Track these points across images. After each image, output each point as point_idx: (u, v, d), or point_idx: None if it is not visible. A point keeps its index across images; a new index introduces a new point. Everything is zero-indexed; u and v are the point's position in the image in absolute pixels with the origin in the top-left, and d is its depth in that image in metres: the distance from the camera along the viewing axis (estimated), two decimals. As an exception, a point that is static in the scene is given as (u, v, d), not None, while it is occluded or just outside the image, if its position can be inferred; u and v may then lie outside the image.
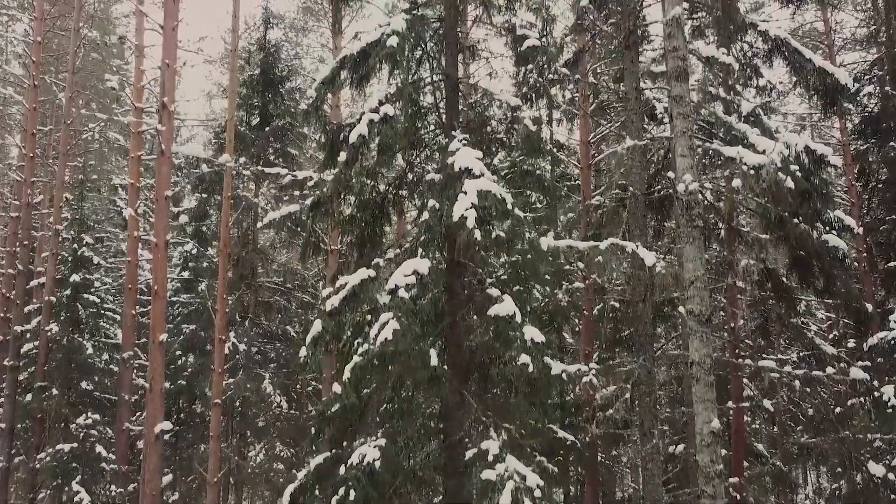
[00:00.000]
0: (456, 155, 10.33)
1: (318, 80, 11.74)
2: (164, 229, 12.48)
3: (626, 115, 11.47)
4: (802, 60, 13.40)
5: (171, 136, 12.24)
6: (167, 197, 12.68)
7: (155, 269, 11.98)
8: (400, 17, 10.89)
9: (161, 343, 11.73)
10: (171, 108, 12.12)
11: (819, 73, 13.47)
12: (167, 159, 12.42)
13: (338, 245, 13.74)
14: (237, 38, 18.50)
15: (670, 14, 8.64)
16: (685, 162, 8.38)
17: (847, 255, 11.81)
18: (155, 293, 11.84)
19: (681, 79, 8.53)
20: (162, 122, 12.16)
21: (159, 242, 12.15)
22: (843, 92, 13.65)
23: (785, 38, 13.38)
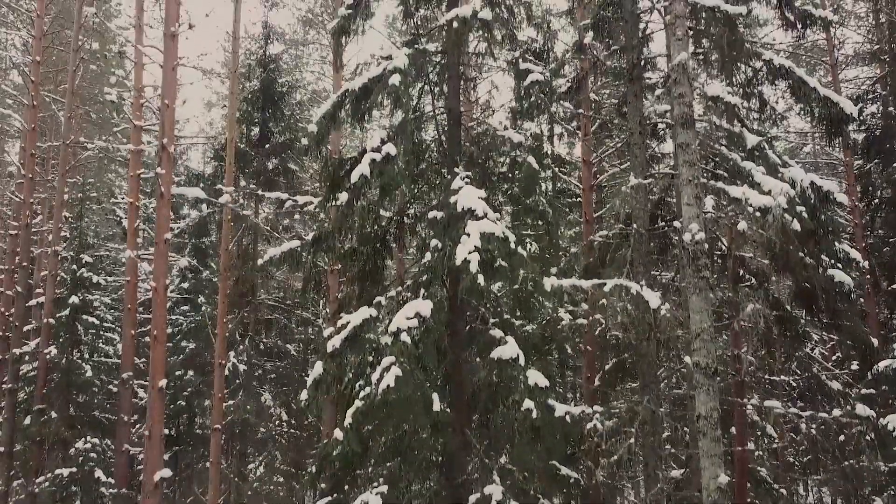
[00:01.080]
0: (459, 194, 10.25)
1: (319, 114, 11.65)
2: (164, 274, 12.35)
3: (629, 150, 11.36)
4: (807, 89, 13.29)
5: (171, 179, 12.12)
6: (167, 241, 12.55)
7: (154, 314, 11.84)
8: (402, 53, 10.79)
9: (160, 389, 11.59)
10: (170, 150, 12.00)
11: (824, 102, 13.36)
12: (166, 202, 12.29)
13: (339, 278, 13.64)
14: (237, 60, 18.40)
15: (676, 60, 8.54)
16: (691, 211, 8.27)
17: (853, 291, 11.69)
18: (154, 338, 11.70)
19: (687, 126, 8.43)
20: (161, 164, 12.03)
21: (158, 287, 12.00)
22: (847, 121, 13.58)
23: (789, 66, 13.27)
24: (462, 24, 10.50)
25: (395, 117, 10.76)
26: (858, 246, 19.81)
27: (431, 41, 11.83)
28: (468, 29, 10.52)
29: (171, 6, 12.85)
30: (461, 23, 10.50)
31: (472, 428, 10.82)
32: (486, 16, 10.46)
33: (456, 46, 10.83)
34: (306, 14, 28.91)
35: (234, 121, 18.42)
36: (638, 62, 11.59)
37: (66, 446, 18.74)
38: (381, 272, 12.39)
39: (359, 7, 11.52)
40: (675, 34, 8.61)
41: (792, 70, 13.27)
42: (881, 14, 22.71)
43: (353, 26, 11.49)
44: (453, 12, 10.73)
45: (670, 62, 8.67)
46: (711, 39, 11.91)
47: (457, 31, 10.52)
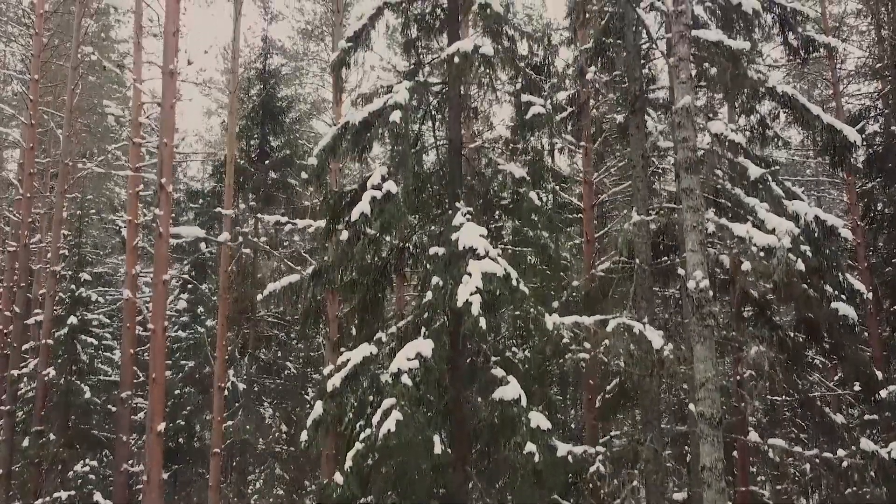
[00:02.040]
0: (460, 231, 10.17)
1: (319, 147, 11.57)
2: (162, 315, 12.25)
3: (631, 181, 11.27)
4: (810, 117, 13.24)
5: (169, 219, 12.00)
6: (165, 281, 12.44)
7: (153, 356, 11.72)
8: (403, 87, 10.69)
9: (159, 434, 11.46)
10: (168, 190, 11.89)
11: (828, 130, 13.31)
12: (165, 242, 12.19)
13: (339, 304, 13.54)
14: (236, 80, 18.31)
15: (680, 104, 8.45)
16: (695, 258, 8.19)
17: (856, 324, 11.61)
18: (153, 380, 11.56)
19: (691, 171, 8.34)
20: (160, 205, 11.93)
21: (157, 329, 11.89)
22: (851, 149, 13.52)
23: (793, 94, 13.21)
24: (463, 58, 10.41)
25: (396, 148, 10.64)
26: (860, 265, 19.76)
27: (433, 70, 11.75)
28: (469, 64, 10.43)
29: (170, 43, 12.74)
30: (462, 58, 10.41)
31: (473, 465, 10.74)
32: (488, 51, 10.36)
33: (457, 80, 10.73)
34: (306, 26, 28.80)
35: (233, 140, 18.33)
36: (640, 93, 11.50)
37: (65, 468, 18.65)
38: (381, 302, 12.31)
39: (359, 39, 11.43)
40: (679, 77, 8.52)
41: (795, 97, 13.21)
42: (882, 29, 22.63)
43: (353, 58, 11.40)
44: (454, 46, 10.64)
45: (674, 105, 8.58)
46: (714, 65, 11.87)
47: (458, 66, 10.43)
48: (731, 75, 10.48)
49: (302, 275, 11.50)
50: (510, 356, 11.25)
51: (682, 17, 8.63)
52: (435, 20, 12.32)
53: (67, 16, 23.99)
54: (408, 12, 11.97)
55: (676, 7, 8.64)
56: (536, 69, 13.32)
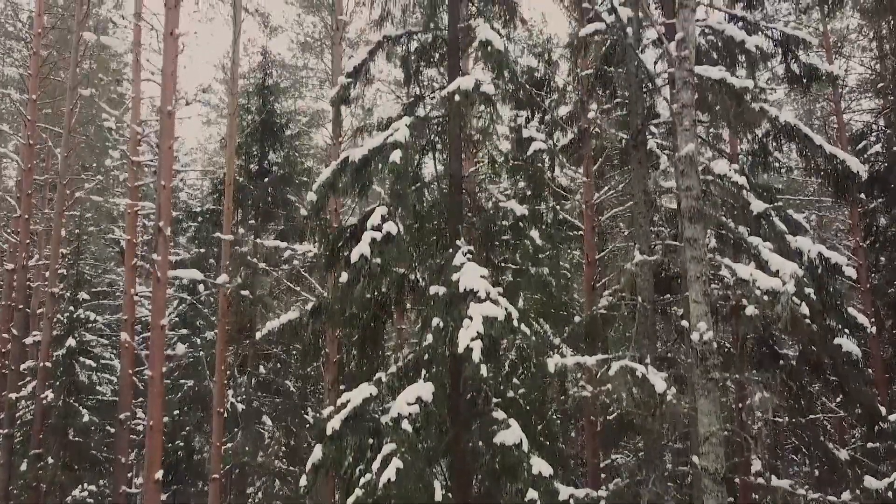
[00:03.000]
0: (461, 272, 10.08)
1: (318, 182, 11.47)
2: (161, 360, 12.12)
3: (633, 220, 11.17)
4: (813, 147, 13.15)
5: (167, 263, 11.88)
6: (163, 326, 12.33)
7: (150, 403, 11.58)
8: (403, 124, 10.58)
9: (157, 482, 11.30)
10: (166, 233, 11.78)
11: (830, 160, 13.23)
12: (163, 286, 12.07)
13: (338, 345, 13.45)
14: (235, 102, 18.18)
15: (683, 151, 8.35)
16: (699, 309, 8.09)
17: (860, 360, 11.51)
18: (150, 427, 11.40)
19: (695, 220, 8.24)
20: (157, 249, 11.81)
21: (154, 375, 11.74)
22: (854, 179, 13.43)
23: (795, 124, 13.13)
24: (464, 97, 10.31)
25: (396, 187, 10.52)
26: (862, 287, 19.68)
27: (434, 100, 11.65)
28: (470, 102, 10.33)
29: (168, 83, 12.60)
30: (463, 96, 10.32)
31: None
32: (489, 90, 10.27)
33: (457, 118, 10.62)
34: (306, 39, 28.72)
35: (232, 162, 18.20)
36: (642, 127, 11.39)
37: (64, 491, 18.55)
38: (381, 337, 12.23)
39: (359, 74, 11.34)
40: (682, 124, 8.42)
41: (798, 128, 13.12)
42: (885, 43, 22.53)
43: (353, 94, 11.31)
44: (455, 84, 10.53)
45: (677, 152, 8.48)
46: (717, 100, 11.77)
47: (458, 104, 10.34)
48: (735, 112, 10.38)
49: (301, 311, 11.39)
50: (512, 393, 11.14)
51: (686, 63, 8.53)
52: (435, 51, 12.24)
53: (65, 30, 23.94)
54: (408, 44, 11.86)
55: (679, 53, 8.54)
56: (537, 84, 13.24)
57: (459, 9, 11.70)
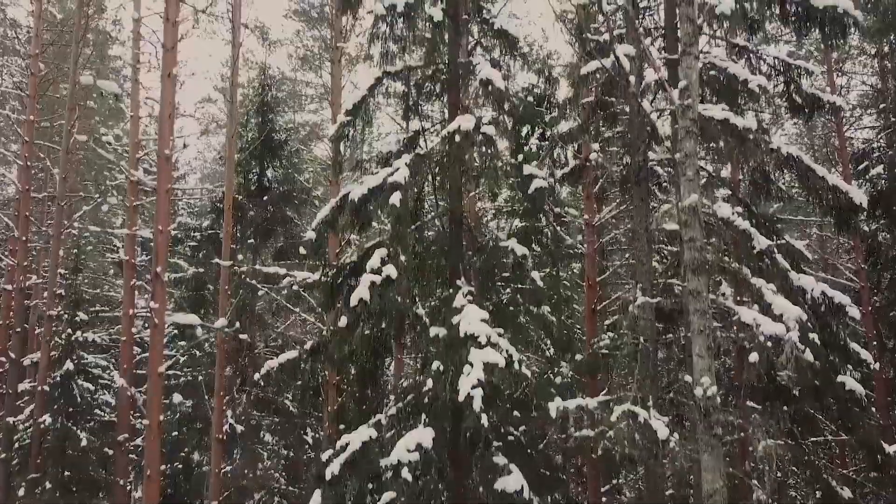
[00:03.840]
0: (462, 315, 10.00)
1: (317, 220, 11.39)
2: (158, 408, 12.01)
3: (636, 256, 11.08)
4: (815, 178, 13.07)
5: (165, 309, 11.77)
6: (161, 374, 12.23)
7: (147, 451, 11.48)
8: (403, 164, 10.48)
9: None
10: (164, 279, 11.67)
11: (832, 192, 13.14)
12: (160, 332, 11.97)
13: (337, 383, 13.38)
14: (235, 125, 18.08)
15: (687, 202, 8.25)
16: (703, 363, 7.99)
17: (864, 399, 11.42)
18: (147, 476, 11.31)
19: (698, 272, 8.14)
20: (154, 295, 11.71)
21: (152, 423, 11.64)
22: (857, 211, 13.34)
23: (797, 155, 13.05)
24: (464, 137, 10.23)
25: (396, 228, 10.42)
26: (864, 309, 19.56)
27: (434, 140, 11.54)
28: (470, 143, 10.24)
29: (165, 128, 12.48)
30: (463, 136, 10.23)
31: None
32: (490, 131, 10.19)
33: (458, 158, 10.53)
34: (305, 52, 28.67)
35: (231, 185, 18.11)
36: (643, 164, 11.30)
37: (62, 517, 18.45)
38: (380, 373, 12.13)
39: (358, 111, 11.24)
40: (686, 174, 8.31)
41: (800, 159, 13.04)
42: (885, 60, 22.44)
43: (354, 132, 11.21)
44: (456, 123, 10.44)
45: (680, 204, 8.39)
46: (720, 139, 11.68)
47: (459, 144, 10.24)
48: (738, 152, 10.29)
49: (300, 350, 11.29)
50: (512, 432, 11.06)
51: (689, 111, 8.42)
52: (435, 84, 12.14)
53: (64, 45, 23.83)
54: (408, 79, 11.76)
55: (682, 101, 8.43)
56: (537, 100, 13.16)
57: (460, 44, 11.60)
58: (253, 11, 28.40)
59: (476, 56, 12.25)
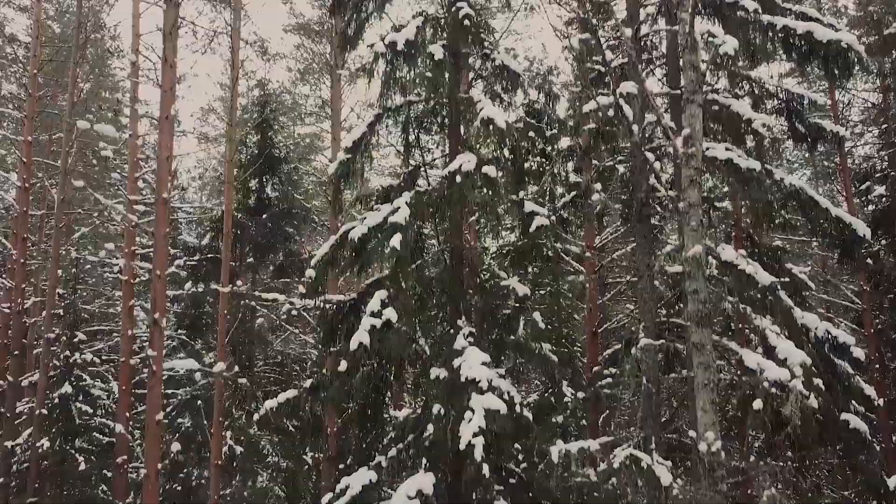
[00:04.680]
0: (463, 357, 9.91)
1: (317, 257, 11.29)
2: (156, 458, 11.87)
3: (638, 297, 10.98)
4: (819, 210, 12.98)
5: (161, 358, 11.65)
6: (159, 421, 12.11)
7: (145, 497, 11.36)
8: (404, 204, 10.37)
9: None
10: (161, 325, 11.56)
11: (836, 224, 13.05)
12: (158, 381, 11.82)
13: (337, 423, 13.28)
14: (234, 149, 17.99)
15: (690, 252, 8.16)
16: (707, 418, 7.90)
17: (868, 437, 11.32)
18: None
19: (702, 324, 8.05)
20: (153, 344, 11.60)
21: (150, 472, 11.53)
22: (860, 243, 13.24)
23: (801, 187, 12.96)
24: (466, 178, 10.13)
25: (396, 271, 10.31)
26: (867, 331, 19.50)
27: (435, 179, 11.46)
28: (471, 185, 10.13)
29: (163, 171, 12.36)
30: (464, 177, 10.13)
31: None
32: (491, 172, 10.09)
33: (459, 199, 10.43)
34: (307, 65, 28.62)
35: (230, 207, 18.00)
36: (646, 202, 11.19)
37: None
38: (381, 410, 12.03)
39: (357, 149, 11.15)
40: (690, 224, 8.22)
41: (803, 190, 12.94)
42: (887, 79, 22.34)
43: (354, 169, 11.12)
44: (457, 163, 10.35)
45: (684, 254, 8.29)
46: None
47: (460, 185, 10.14)
48: (742, 192, 10.20)
49: (299, 389, 11.19)
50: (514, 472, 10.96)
51: (693, 160, 8.33)
52: (435, 117, 12.05)
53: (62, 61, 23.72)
54: (409, 114, 11.67)
55: (686, 150, 8.34)
56: (537, 116, 13.07)
57: (460, 79, 11.52)
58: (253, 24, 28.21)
59: (476, 88, 12.18)
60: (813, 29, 11.98)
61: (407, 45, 10.61)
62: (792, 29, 12.17)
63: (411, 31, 10.77)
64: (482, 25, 11.42)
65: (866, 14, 21.63)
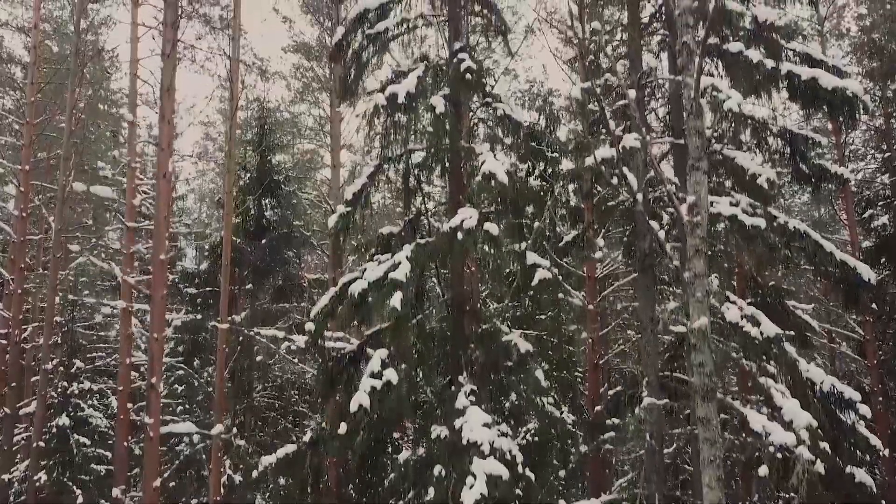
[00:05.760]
0: (465, 418, 9.77)
1: (316, 309, 11.16)
2: None
3: (641, 350, 10.85)
4: (823, 254, 12.89)
5: (159, 424, 11.46)
6: (156, 488, 11.95)
7: None
8: (404, 257, 10.22)
9: None
10: (159, 389, 11.38)
11: (840, 268, 12.96)
12: (155, 445, 11.64)
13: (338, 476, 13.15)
14: (231, 182, 17.84)
15: (696, 325, 8.01)
16: (713, 495, 7.76)
17: (874, 490, 11.21)
18: None
19: (708, 399, 7.92)
20: (149, 409, 11.44)
21: None
22: (865, 287, 13.13)
23: (805, 231, 12.87)
24: (467, 235, 9.98)
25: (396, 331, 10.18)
26: (870, 362, 19.38)
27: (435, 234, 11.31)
28: (473, 241, 10.00)
29: (161, 231, 12.18)
30: (466, 234, 9.99)
31: None
32: (493, 230, 9.94)
33: (460, 256, 10.29)
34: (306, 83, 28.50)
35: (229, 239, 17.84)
36: (649, 252, 11.06)
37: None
38: (381, 461, 11.91)
39: (357, 201, 11.03)
40: (695, 295, 8.09)
41: (807, 234, 12.86)
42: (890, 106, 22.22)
43: (354, 223, 10.99)
44: (458, 219, 10.20)
45: (689, 324, 8.17)
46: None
47: (462, 242, 10.00)
48: (748, 250, 10.09)
49: (299, 443, 11.06)
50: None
51: (698, 229, 8.20)
52: (436, 164, 11.93)
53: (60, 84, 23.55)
54: (409, 163, 11.55)
55: (692, 218, 8.21)
56: (537, 138, 12.94)
57: (462, 128, 11.40)
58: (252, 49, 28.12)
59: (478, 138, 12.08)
60: (818, 76, 11.88)
61: (408, 97, 10.48)
62: (797, 75, 12.08)
63: (412, 82, 10.64)
64: (484, 74, 11.29)
65: (869, 40, 21.51)
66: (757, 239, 10.05)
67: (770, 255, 13.01)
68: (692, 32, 8.62)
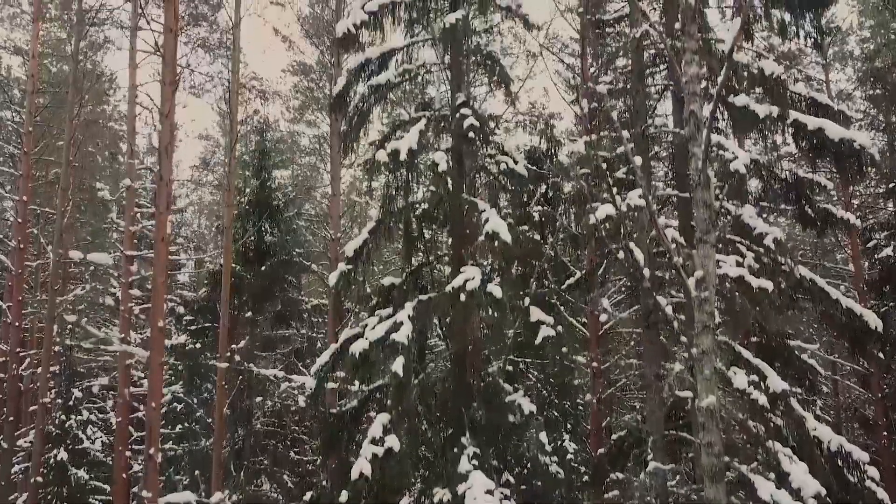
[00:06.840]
0: (468, 483, 9.65)
1: (317, 365, 11.04)
2: None
3: (646, 406, 10.71)
4: (829, 301, 12.79)
5: (157, 492, 11.26)
6: None
7: None
8: (406, 316, 10.08)
9: None
10: (157, 460, 11.19)
11: (847, 315, 12.84)
12: (154, 488, 11.37)
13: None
14: (231, 215, 17.70)
15: (704, 403, 7.83)
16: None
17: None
18: None
19: (716, 480, 7.76)
20: (147, 482, 11.26)
21: None
22: (871, 336, 13.01)
23: (811, 277, 12.76)
24: (469, 297, 9.84)
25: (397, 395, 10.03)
26: (875, 395, 19.25)
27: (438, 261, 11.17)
28: (476, 304, 9.85)
29: (159, 296, 12.00)
30: (468, 296, 9.84)
31: None
32: (497, 293, 9.79)
33: (462, 317, 10.15)
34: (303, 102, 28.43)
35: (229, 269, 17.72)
36: (654, 308, 10.91)
37: None
38: None
39: (359, 258, 10.88)
40: (703, 373, 7.93)
41: (814, 282, 12.74)
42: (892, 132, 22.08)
43: (355, 280, 10.85)
44: (461, 279, 10.05)
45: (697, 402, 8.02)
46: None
47: (465, 304, 9.86)
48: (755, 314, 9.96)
49: (299, 503, 10.93)
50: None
51: (706, 304, 8.04)
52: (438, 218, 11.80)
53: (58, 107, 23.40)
54: (410, 215, 11.40)
55: (700, 293, 8.05)
56: (538, 161, 12.83)
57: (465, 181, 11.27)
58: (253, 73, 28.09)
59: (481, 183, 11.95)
60: (825, 126, 11.74)
61: (410, 154, 10.33)
62: (803, 124, 11.94)
63: (414, 137, 10.50)
64: (487, 125, 11.14)
65: (871, 69, 21.41)
66: (764, 301, 9.90)
67: (778, 308, 12.93)
68: (700, 101, 8.47)
